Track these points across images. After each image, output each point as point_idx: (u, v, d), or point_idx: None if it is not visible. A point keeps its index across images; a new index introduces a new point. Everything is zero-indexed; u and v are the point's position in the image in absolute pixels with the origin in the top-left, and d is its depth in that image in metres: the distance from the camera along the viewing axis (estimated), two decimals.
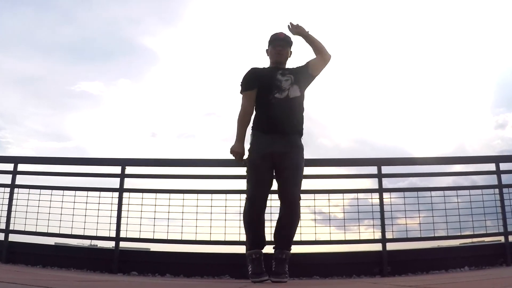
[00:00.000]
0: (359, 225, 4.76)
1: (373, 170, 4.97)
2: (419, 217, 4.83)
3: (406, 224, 4.79)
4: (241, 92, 3.91)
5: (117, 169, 4.99)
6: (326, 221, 4.77)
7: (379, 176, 4.89)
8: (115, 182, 4.94)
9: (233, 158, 3.81)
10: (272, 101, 3.74)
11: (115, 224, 4.83)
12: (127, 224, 4.84)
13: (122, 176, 4.94)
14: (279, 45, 3.93)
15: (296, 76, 3.86)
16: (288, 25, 3.97)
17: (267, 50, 4.03)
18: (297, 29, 3.96)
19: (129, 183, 4.97)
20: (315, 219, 4.77)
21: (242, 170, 3.90)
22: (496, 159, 5.10)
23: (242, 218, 3.79)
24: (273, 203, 3.96)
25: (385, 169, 4.96)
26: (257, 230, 3.72)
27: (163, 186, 4.89)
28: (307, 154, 3.88)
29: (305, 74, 3.92)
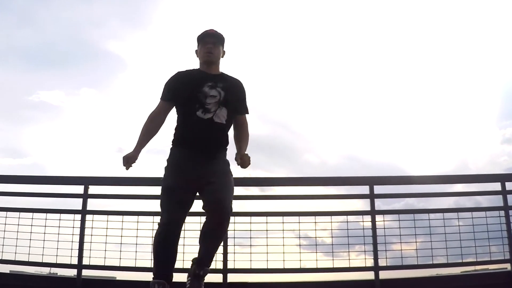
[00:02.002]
0: (349, 251, 4.56)
1: (364, 190, 4.74)
2: (416, 242, 4.63)
3: (401, 250, 4.58)
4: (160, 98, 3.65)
5: (79, 189, 4.71)
6: (312, 247, 4.58)
7: (372, 196, 4.67)
8: (77, 203, 4.68)
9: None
10: (193, 118, 3.46)
11: (77, 250, 4.54)
12: (90, 250, 4.56)
13: (85, 196, 4.66)
14: (209, 42, 3.61)
15: (227, 95, 3.54)
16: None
17: (196, 51, 3.72)
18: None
19: (93, 204, 4.71)
20: (299, 245, 4.57)
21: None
22: (502, 178, 4.86)
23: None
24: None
25: (378, 189, 4.74)
26: (167, 261, 3.42)
27: (131, 208, 4.65)
28: (292, 171, 3.70)
29: (238, 104, 3.64)
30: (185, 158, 3.47)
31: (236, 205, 4.30)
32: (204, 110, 3.44)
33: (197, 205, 3.53)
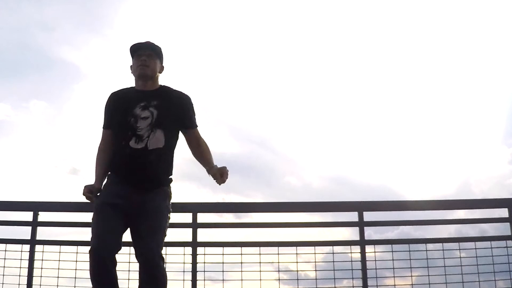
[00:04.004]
0: (335, 287, 4.29)
1: (353, 216, 4.49)
2: (412, 276, 4.38)
3: (394, 285, 4.33)
4: None
5: (28, 215, 4.42)
6: (293, 282, 4.35)
7: (361, 224, 4.42)
8: (25, 232, 4.40)
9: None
10: (125, 150, 3.19)
11: (25, 285, 4.24)
12: (40, 285, 4.26)
13: (35, 224, 4.37)
14: (143, 54, 3.34)
15: (162, 112, 3.26)
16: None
17: (131, 66, 3.46)
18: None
19: (43, 233, 4.44)
20: (279, 279, 4.31)
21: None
22: (510, 203, 4.60)
23: None
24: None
25: (369, 216, 4.49)
26: None
27: (87, 237, 4.14)
28: (270, 195, 3.42)
29: (179, 120, 3.36)
30: (118, 181, 3.25)
31: (208, 234, 4.16)
32: (137, 138, 3.18)
33: None
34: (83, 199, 3.38)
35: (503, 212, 4.62)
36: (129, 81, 3.46)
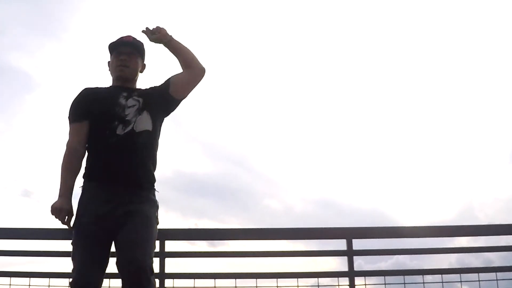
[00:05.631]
0: None
1: (341, 244, 4.24)
2: None
3: None
4: (69, 124, 3.18)
5: None
6: None
7: (350, 253, 4.17)
8: None
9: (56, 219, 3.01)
10: (110, 140, 2.98)
11: None
12: None
13: None
14: (123, 52, 3.18)
15: (146, 98, 3.15)
16: (143, 30, 3.25)
17: (108, 63, 3.30)
18: (155, 35, 3.23)
19: None
20: None
21: None
22: None
23: None
24: None
25: (358, 244, 4.24)
26: None
27: (40, 268, 4.06)
28: (248, 221, 3.17)
29: (163, 96, 3.19)
30: (97, 191, 2.98)
31: (177, 265, 3.94)
32: (125, 123, 3.01)
33: None
34: (37, 224, 3.38)
35: (511, 240, 4.42)
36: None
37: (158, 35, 3.22)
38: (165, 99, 3.20)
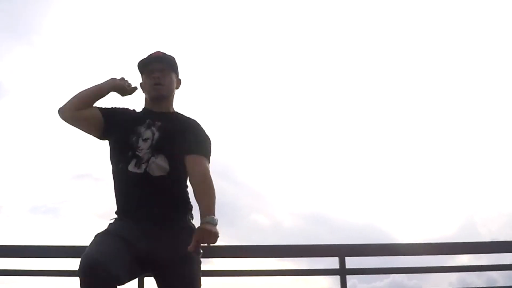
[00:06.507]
0: None
1: (333, 263, 4.07)
2: None
3: None
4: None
5: None
6: None
7: (343, 272, 4.00)
8: None
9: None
10: (127, 175, 2.73)
11: None
12: None
13: None
14: (156, 69, 2.92)
15: (164, 134, 2.80)
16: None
17: (140, 84, 3.06)
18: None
19: None
20: None
21: None
22: None
23: None
24: None
25: (352, 262, 4.07)
26: None
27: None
28: (234, 237, 3.06)
29: (182, 143, 2.82)
30: (129, 225, 2.66)
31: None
32: (138, 160, 2.72)
33: None
34: (6, 240, 3.17)
35: None
36: (63, 96, 3.03)
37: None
38: (181, 148, 2.81)
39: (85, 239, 2.65)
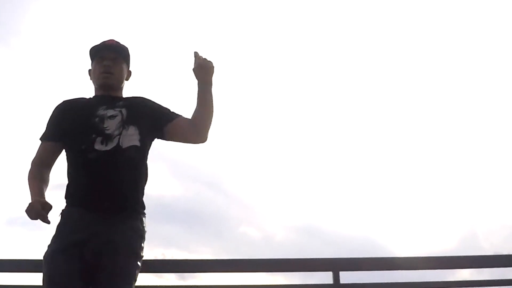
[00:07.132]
0: None
1: (326, 277, 3.96)
2: None
3: None
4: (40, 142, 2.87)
5: None
6: None
7: (337, 287, 3.88)
8: None
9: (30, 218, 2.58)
10: (89, 155, 2.63)
11: None
12: None
13: None
14: (107, 57, 2.90)
15: (132, 110, 2.82)
16: (196, 52, 2.95)
17: (89, 71, 3.01)
18: (201, 66, 2.91)
19: None
20: None
21: None
22: None
23: None
24: None
25: (347, 276, 3.96)
26: None
27: None
28: (222, 250, 2.94)
29: (154, 122, 2.90)
30: (76, 217, 2.62)
31: None
32: (105, 138, 2.68)
33: None
34: None
35: None
36: (44, 101, 2.97)
37: (204, 68, 2.92)
38: (154, 126, 2.89)
39: None
